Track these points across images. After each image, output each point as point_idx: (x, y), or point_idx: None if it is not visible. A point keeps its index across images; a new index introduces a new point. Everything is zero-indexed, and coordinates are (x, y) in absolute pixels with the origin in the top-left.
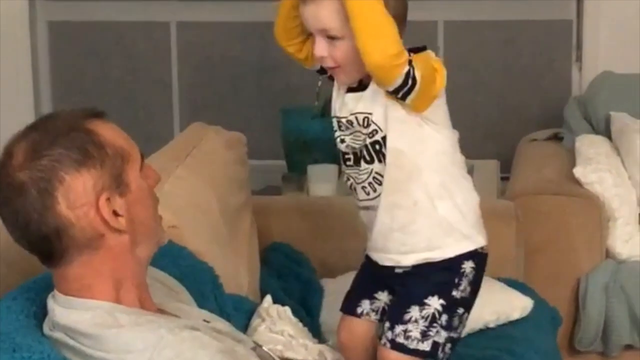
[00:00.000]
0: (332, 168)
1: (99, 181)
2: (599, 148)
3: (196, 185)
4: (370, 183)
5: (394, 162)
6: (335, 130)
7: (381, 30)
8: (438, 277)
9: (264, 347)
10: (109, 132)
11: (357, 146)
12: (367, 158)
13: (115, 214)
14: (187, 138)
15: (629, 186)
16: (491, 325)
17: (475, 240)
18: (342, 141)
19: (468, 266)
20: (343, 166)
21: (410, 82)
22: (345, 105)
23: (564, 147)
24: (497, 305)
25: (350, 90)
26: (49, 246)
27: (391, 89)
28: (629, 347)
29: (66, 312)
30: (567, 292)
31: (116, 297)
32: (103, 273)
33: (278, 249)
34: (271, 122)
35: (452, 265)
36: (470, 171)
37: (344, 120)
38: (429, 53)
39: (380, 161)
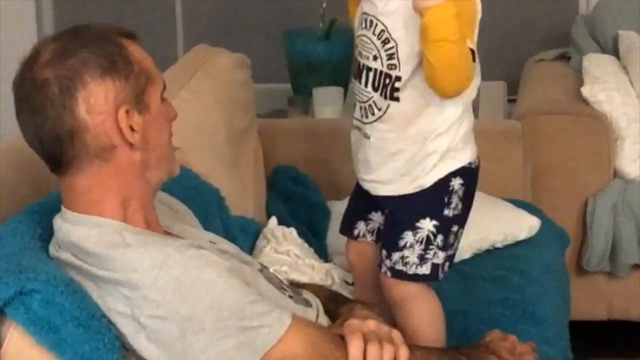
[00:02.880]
0: (338, 90)
1: (120, 93)
2: (607, 67)
3: (200, 107)
4: (367, 107)
5: (396, 111)
6: (357, 28)
7: (457, 69)
8: (427, 198)
9: (270, 269)
10: (138, 52)
11: (365, 54)
12: (373, 84)
13: (132, 129)
14: (191, 60)
15: (637, 105)
16: (498, 245)
17: (463, 158)
18: (356, 45)
19: (456, 183)
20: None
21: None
22: (372, 3)
23: (572, 67)
24: (504, 225)
25: None
26: (60, 149)
27: None
28: (636, 266)
29: (73, 228)
30: (574, 212)
31: (123, 216)
32: (111, 188)
33: (284, 172)
34: (275, 45)
35: (440, 185)
36: (477, 94)
37: (366, 17)
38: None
39: (382, 96)
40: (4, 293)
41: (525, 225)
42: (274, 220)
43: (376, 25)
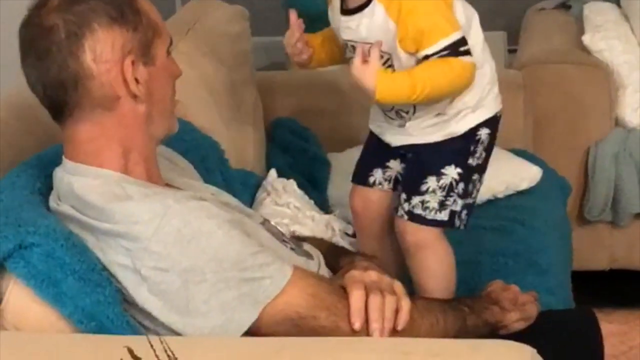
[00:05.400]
0: None
1: (127, 43)
2: (608, 15)
3: (198, 59)
4: (395, 113)
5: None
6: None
7: (448, 86)
8: (454, 145)
9: (272, 222)
10: (147, 4)
11: None
12: None
13: (136, 81)
14: (188, 13)
15: (638, 53)
16: (500, 195)
17: (492, 107)
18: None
19: (484, 133)
20: None
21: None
22: (347, 28)
23: (572, 16)
24: (505, 175)
25: (346, 12)
26: (63, 95)
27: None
28: (638, 215)
29: (74, 178)
30: (576, 162)
31: (124, 167)
32: (113, 139)
33: (284, 125)
34: None
35: (469, 134)
36: None
37: (349, 44)
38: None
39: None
40: (4, 247)
41: (526, 175)
42: (273, 172)
43: (362, 47)
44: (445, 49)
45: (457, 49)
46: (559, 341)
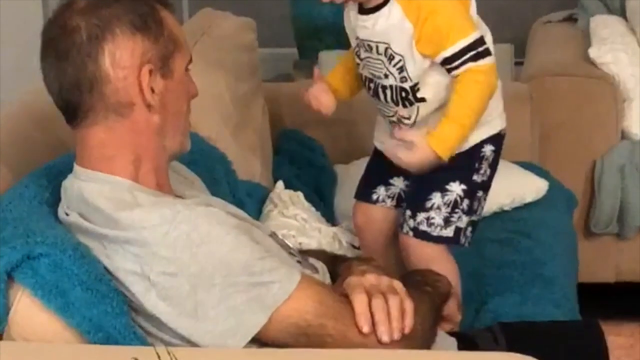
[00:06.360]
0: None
1: (147, 53)
2: (614, 28)
3: (206, 71)
4: (396, 120)
5: (426, 110)
6: (355, 49)
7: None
8: (458, 162)
9: (279, 235)
10: (171, 19)
11: (377, 74)
12: (393, 99)
13: (152, 90)
14: (196, 24)
15: None
16: (506, 208)
17: (496, 125)
18: (361, 66)
19: (488, 149)
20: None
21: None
22: (364, 27)
23: (579, 29)
24: (511, 187)
25: (364, 11)
26: (78, 97)
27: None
28: None
29: (84, 184)
30: (582, 174)
31: (135, 175)
32: (125, 146)
33: (290, 136)
34: (281, 8)
35: (473, 151)
36: None
37: (365, 43)
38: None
39: (405, 106)
40: (12, 257)
41: (533, 188)
42: (280, 184)
43: (377, 46)
44: (464, 50)
45: (477, 49)
46: (564, 353)
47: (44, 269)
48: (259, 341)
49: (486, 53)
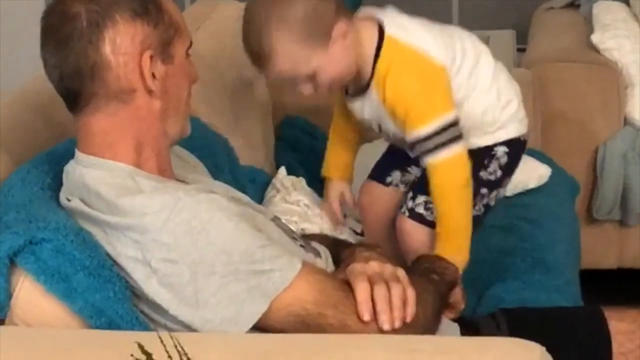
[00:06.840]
0: None
1: (147, 38)
2: (617, 14)
3: (208, 57)
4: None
5: None
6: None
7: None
8: (469, 156)
9: (282, 219)
10: (171, 5)
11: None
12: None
13: (153, 76)
14: (198, 10)
15: None
16: (508, 194)
17: (511, 130)
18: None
19: (501, 150)
20: None
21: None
22: (354, 109)
23: (581, 14)
24: (514, 174)
25: (352, 94)
26: (79, 84)
27: None
28: None
29: (86, 170)
30: (585, 161)
31: (137, 161)
32: (127, 132)
33: (292, 122)
34: None
35: (485, 149)
36: (486, 42)
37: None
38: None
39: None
40: (14, 242)
41: (535, 174)
42: (283, 170)
43: (371, 123)
44: (432, 134)
45: (447, 130)
46: (567, 339)
47: (46, 254)
48: (258, 329)
49: (458, 138)
